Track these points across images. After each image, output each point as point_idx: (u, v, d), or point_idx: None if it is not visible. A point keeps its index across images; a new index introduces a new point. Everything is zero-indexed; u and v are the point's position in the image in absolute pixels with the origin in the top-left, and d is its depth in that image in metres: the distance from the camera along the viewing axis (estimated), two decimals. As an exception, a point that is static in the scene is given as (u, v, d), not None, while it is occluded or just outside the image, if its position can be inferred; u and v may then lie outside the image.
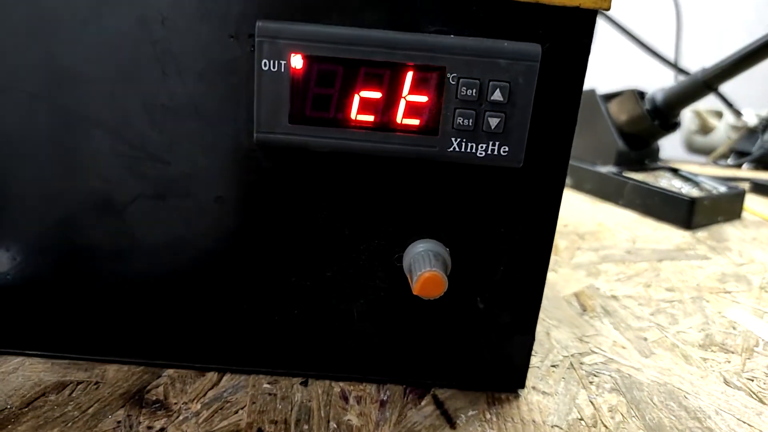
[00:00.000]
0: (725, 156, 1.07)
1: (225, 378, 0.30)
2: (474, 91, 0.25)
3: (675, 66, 0.98)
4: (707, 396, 0.32)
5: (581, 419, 0.30)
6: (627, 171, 0.70)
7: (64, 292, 0.29)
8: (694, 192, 0.64)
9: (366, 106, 0.26)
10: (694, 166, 0.97)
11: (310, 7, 0.25)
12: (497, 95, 0.25)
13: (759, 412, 0.31)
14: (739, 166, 1.01)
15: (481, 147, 0.26)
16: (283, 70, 0.25)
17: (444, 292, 0.25)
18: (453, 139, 0.26)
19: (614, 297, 0.44)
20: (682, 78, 1.03)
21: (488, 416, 0.29)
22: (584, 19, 0.25)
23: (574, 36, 0.25)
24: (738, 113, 1.09)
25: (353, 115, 0.26)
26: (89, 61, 0.25)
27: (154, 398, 0.28)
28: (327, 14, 0.25)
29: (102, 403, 0.27)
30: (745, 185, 0.83)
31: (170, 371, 0.30)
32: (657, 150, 0.74)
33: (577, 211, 0.66)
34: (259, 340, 0.30)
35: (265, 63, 0.25)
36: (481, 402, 0.30)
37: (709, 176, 0.70)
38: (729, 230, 0.64)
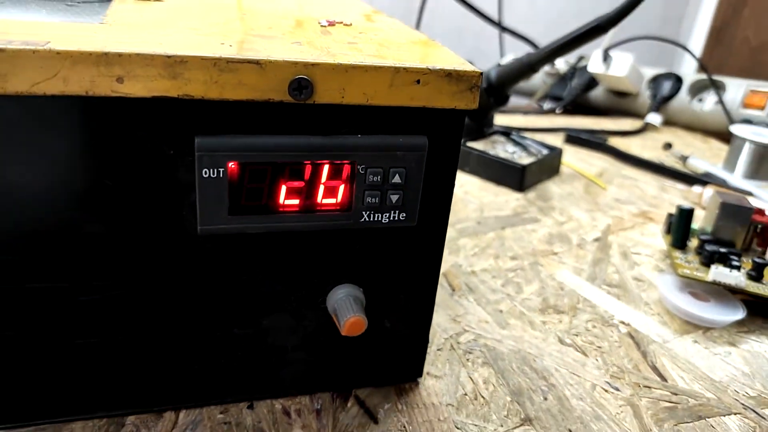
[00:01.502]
0: (543, 99, 1.24)
1: (182, 415, 0.35)
2: (378, 177, 0.31)
3: (499, 25, 1.09)
4: (549, 356, 0.44)
5: (465, 394, 0.40)
6: (470, 141, 0.80)
7: (28, 360, 0.32)
8: (524, 159, 0.76)
9: (291, 193, 0.31)
10: (518, 116, 1.12)
11: (241, 121, 0.29)
12: (396, 179, 0.32)
13: (583, 363, 0.44)
14: (553, 110, 1.18)
15: (386, 216, 0.33)
16: (221, 175, 0.29)
17: (365, 329, 0.33)
18: (363, 212, 0.32)
19: (473, 272, 0.55)
20: (505, 35, 1.15)
21: (400, 407, 0.38)
22: (458, 117, 0.32)
23: (450, 129, 0.32)
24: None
25: (281, 200, 0.31)
26: (29, 175, 0.28)
27: (128, 447, 0.33)
28: (256, 126, 0.29)
29: (83, 461, 0.32)
30: (560, 135, 0.99)
31: (132, 418, 0.35)
32: (492, 117, 0.85)
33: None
34: (209, 378, 0.36)
35: (205, 171, 0.29)
36: (392, 395, 0.39)
37: (534, 139, 0.83)
38: (552, 187, 0.77)
